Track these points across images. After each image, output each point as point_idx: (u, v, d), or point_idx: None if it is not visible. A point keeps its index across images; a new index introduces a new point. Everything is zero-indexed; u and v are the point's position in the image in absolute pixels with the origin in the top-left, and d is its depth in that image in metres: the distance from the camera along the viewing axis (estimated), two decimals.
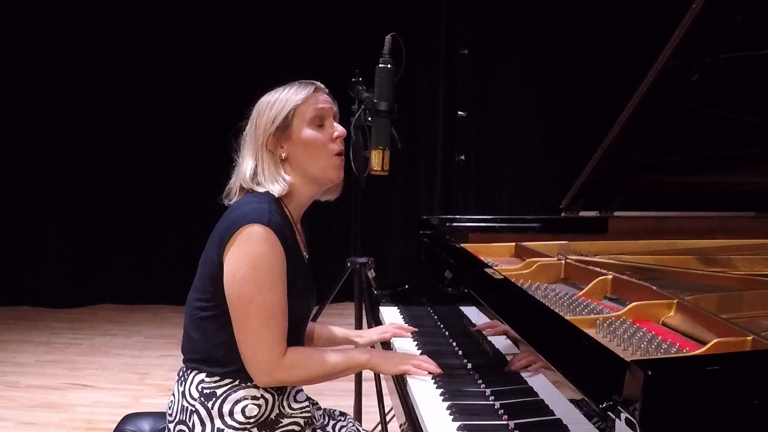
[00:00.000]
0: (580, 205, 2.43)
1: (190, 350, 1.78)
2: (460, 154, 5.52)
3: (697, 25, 1.78)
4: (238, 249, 1.66)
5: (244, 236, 1.66)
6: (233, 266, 1.66)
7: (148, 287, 5.60)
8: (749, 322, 1.57)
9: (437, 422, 1.56)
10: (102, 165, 5.57)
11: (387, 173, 2.39)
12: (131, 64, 5.47)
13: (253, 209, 1.69)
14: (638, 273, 1.99)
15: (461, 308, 2.02)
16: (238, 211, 1.71)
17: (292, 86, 1.84)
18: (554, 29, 5.68)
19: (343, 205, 2.32)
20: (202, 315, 1.74)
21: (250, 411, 1.71)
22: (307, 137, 1.79)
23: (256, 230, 1.66)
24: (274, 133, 1.78)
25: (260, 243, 1.65)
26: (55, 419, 3.52)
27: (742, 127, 2.14)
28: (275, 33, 5.51)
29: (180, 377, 1.79)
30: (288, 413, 1.77)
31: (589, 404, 1.16)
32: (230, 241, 1.67)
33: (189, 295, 1.79)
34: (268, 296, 1.66)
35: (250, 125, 1.83)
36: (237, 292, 1.66)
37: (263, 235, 1.66)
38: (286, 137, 1.78)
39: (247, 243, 1.65)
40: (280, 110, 1.79)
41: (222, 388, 1.71)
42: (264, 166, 1.77)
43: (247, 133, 1.83)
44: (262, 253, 1.65)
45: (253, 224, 1.66)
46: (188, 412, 1.72)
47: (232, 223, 1.69)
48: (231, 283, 1.67)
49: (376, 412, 2.52)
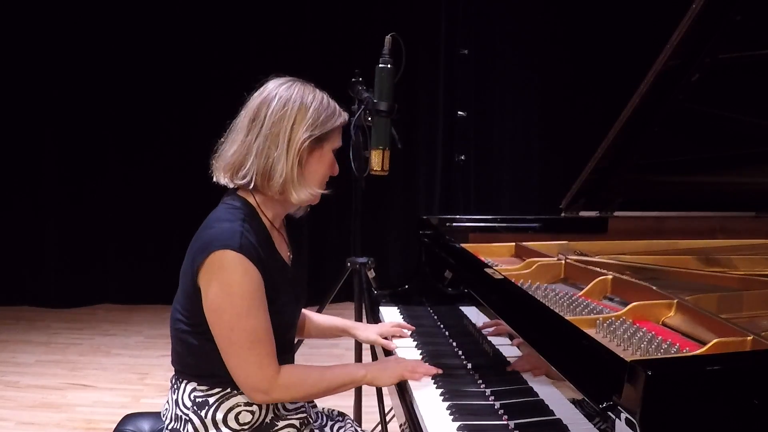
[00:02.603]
0: (580, 205, 2.43)
1: (178, 362, 1.76)
2: (460, 154, 5.52)
3: (696, 25, 1.78)
4: (212, 277, 1.62)
5: (216, 264, 1.61)
6: (209, 295, 1.62)
7: (148, 287, 5.60)
8: (749, 322, 1.57)
9: (437, 422, 1.56)
10: (102, 165, 5.56)
11: (387, 173, 2.40)
12: (131, 65, 5.46)
13: (225, 231, 1.63)
14: (638, 273, 1.99)
15: (461, 308, 2.02)
16: (210, 231, 1.65)
17: (329, 99, 1.75)
18: (554, 29, 5.67)
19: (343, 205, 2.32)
20: (184, 329, 1.71)
21: (243, 417, 1.70)
22: (327, 162, 1.74)
23: (227, 257, 1.60)
24: (311, 142, 1.69)
25: (233, 270, 1.60)
26: (55, 419, 3.52)
27: (742, 127, 2.14)
28: (275, 33, 5.51)
29: (173, 385, 1.78)
30: (283, 415, 1.77)
31: (589, 404, 1.16)
32: (202, 266, 1.62)
33: (173, 306, 1.76)
34: (248, 321, 1.62)
35: (274, 111, 1.67)
36: (217, 321, 1.63)
37: (235, 262, 1.60)
38: (313, 150, 1.70)
39: (220, 271, 1.61)
40: (326, 121, 1.70)
41: (214, 397, 1.70)
42: (288, 169, 1.66)
43: (268, 118, 1.67)
44: (236, 281, 1.61)
45: (224, 250, 1.60)
46: (182, 420, 1.72)
47: (203, 246, 1.64)
48: (209, 312, 1.64)
49: (376, 412, 2.52)
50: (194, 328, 1.69)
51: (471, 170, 5.76)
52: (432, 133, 5.78)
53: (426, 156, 5.78)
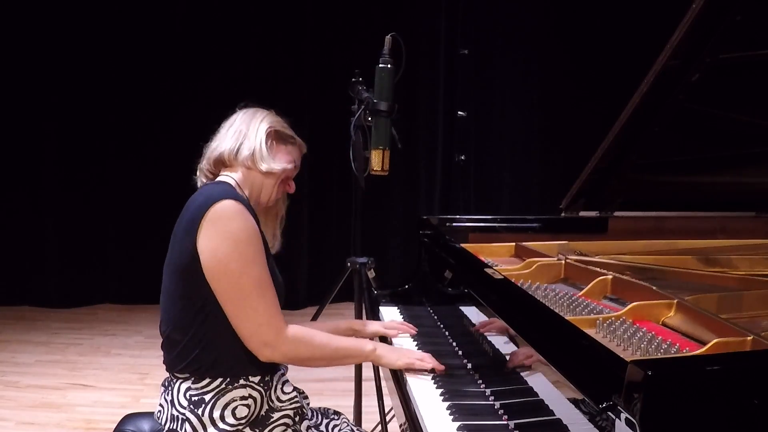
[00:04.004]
0: (580, 205, 2.43)
1: (174, 358, 1.74)
2: (460, 154, 5.52)
3: (697, 25, 1.79)
4: (213, 228, 1.63)
5: (216, 214, 1.63)
6: (212, 246, 1.63)
7: (148, 287, 5.57)
8: (749, 322, 1.57)
9: (437, 422, 1.56)
10: (102, 165, 5.56)
11: (387, 173, 2.39)
12: (131, 66, 5.46)
13: (218, 190, 1.69)
14: (638, 273, 1.99)
15: (461, 308, 2.02)
16: (201, 197, 1.70)
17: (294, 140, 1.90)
18: (554, 29, 5.68)
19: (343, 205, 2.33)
20: (178, 317, 1.70)
21: (240, 412, 1.70)
22: (287, 162, 1.85)
23: (227, 205, 1.64)
24: (275, 131, 1.86)
25: (234, 216, 1.64)
26: (55, 419, 3.52)
27: (742, 127, 2.14)
28: (275, 33, 5.51)
29: (167, 387, 1.78)
30: (277, 407, 1.76)
31: (589, 404, 1.16)
32: (202, 222, 1.63)
33: (161, 316, 1.76)
34: (255, 268, 1.64)
35: (246, 113, 1.88)
36: (224, 270, 1.62)
37: (236, 208, 1.64)
38: (277, 141, 1.86)
39: (221, 219, 1.63)
40: (285, 128, 1.89)
41: (210, 394, 1.70)
42: (256, 144, 1.81)
43: (240, 118, 1.87)
44: (239, 227, 1.63)
45: (222, 201, 1.64)
46: (179, 420, 1.71)
47: (199, 207, 1.66)
48: (214, 263, 1.63)
49: (376, 412, 2.52)
50: (189, 310, 1.67)
51: (471, 170, 5.76)
52: (432, 133, 5.78)
53: (426, 156, 5.78)
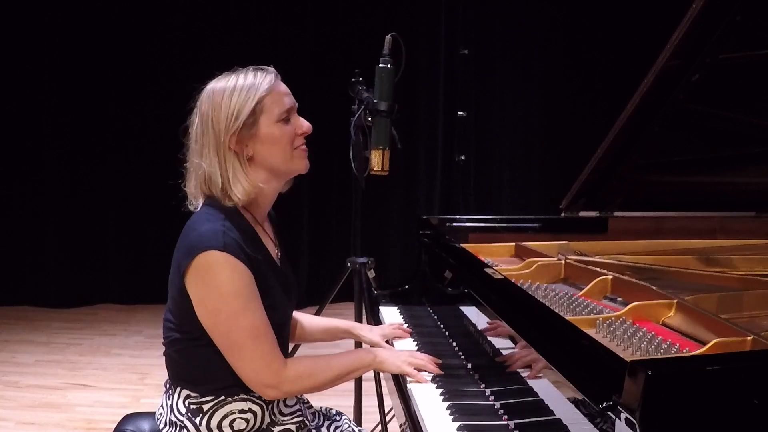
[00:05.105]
0: (580, 205, 2.43)
1: (172, 368, 1.74)
2: (460, 154, 5.51)
3: (697, 25, 1.78)
4: (200, 280, 1.59)
5: (202, 266, 1.58)
6: (200, 299, 1.60)
7: (148, 287, 5.59)
8: (749, 322, 1.57)
9: (437, 422, 1.56)
10: (102, 165, 5.56)
11: (387, 173, 2.40)
12: (131, 66, 5.46)
13: (206, 232, 1.60)
14: (638, 273, 1.99)
15: (461, 308, 2.02)
16: (192, 234, 1.63)
17: (246, 73, 1.69)
18: (554, 29, 5.68)
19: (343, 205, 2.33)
20: (176, 337, 1.69)
21: (238, 425, 1.69)
22: (276, 136, 1.67)
23: (213, 258, 1.57)
24: (239, 132, 1.64)
25: (221, 270, 1.57)
26: (55, 419, 3.52)
27: (742, 127, 2.14)
28: (275, 33, 5.51)
29: (167, 390, 1.77)
30: (279, 420, 1.75)
31: (589, 404, 1.16)
32: (188, 270, 1.59)
33: (164, 316, 1.74)
34: (245, 319, 1.59)
35: (203, 121, 1.68)
36: (214, 324, 1.61)
37: (221, 261, 1.57)
38: (251, 135, 1.66)
39: (207, 273, 1.58)
40: (243, 105, 1.64)
41: (209, 404, 1.69)
42: (229, 168, 1.65)
43: (200, 130, 1.68)
44: (225, 281, 1.57)
45: (208, 251, 1.57)
46: (177, 426, 1.71)
47: (187, 250, 1.61)
48: (203, 315, 1.61)
49: (376, 412, 2.52)
50: (185, 335, 1.67)
51: (471, 170, 5.76)
52: (432, 133, 5.78)
53: (426, 156, 5.78)
